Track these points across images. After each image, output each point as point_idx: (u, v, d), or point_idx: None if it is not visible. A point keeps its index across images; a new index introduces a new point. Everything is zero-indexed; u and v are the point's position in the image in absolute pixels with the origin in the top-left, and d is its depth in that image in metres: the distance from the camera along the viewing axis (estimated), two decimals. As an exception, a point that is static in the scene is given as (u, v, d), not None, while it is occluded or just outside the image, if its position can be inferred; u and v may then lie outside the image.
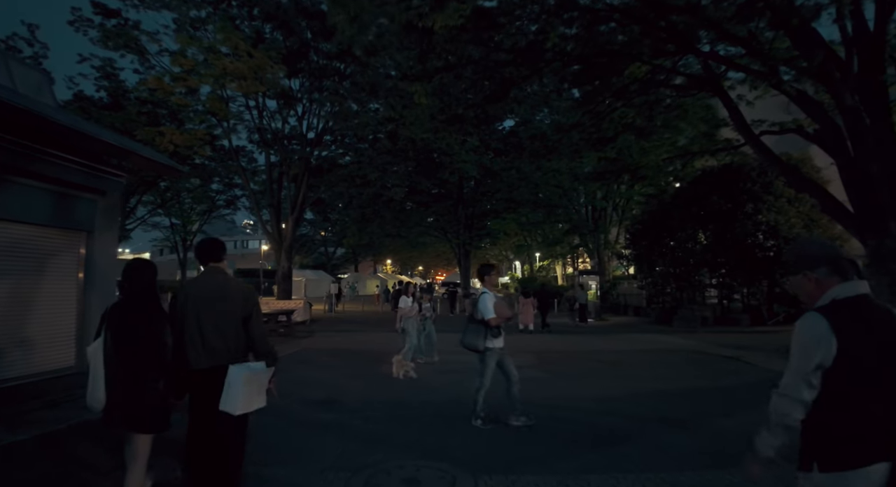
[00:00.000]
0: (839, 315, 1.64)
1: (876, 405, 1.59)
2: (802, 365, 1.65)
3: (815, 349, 1.62)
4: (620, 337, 14.32)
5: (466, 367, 8.15)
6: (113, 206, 8.87)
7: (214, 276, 3.12)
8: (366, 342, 12.80)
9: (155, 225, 42.84)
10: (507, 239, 42.21)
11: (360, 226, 34.64)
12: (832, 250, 1.79)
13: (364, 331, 15.64)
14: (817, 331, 1.63)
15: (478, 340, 5.46)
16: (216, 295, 3.02)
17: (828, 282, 1.73)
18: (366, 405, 6.09)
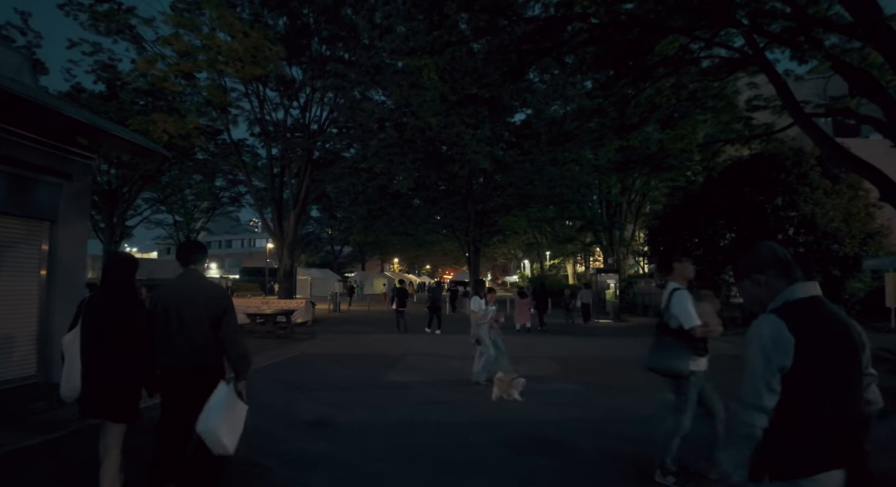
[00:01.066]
0: (795, 316, 1.59)
1: (831, 409, 1.54)
2: (762, 370, 1.57)
3: (775, 351, 1.56)
4: (648, 341, 13.08)
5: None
6: (81, 193, 7.82)
7: (188, 278, 3.15)
8: (370, 345, 11.70)
9: (158, 222, 42.13)
10: (517, 237, 41.05)
11: (365, 223, 33.58)
12: (779, 253, 1.74)
13: (369, 333, 14.55)
14: (777, 333, 1.56)
15: (679, 360, 3.68)
16: (185, 297, 3.05)
17: (777, 285, 1.69)
18: (366, 429, 4.97)
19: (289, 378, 7.56)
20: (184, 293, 3.07)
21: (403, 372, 8.21)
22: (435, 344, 11.86)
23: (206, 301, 3.05)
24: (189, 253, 3.22)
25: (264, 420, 4.95)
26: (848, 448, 1.55)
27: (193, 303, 3.03)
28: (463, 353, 10.26)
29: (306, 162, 19.11)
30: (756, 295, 1.77)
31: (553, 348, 11.50)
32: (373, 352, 10.42)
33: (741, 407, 1.61)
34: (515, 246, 59.06)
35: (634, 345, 12.00)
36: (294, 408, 5.66)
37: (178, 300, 3.04)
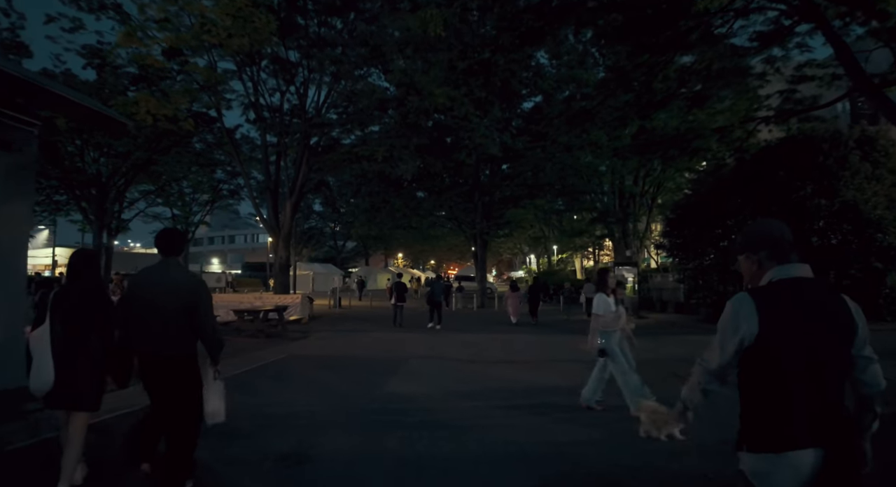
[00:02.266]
0: (767, 296, 1.63)
1: (800, 389, 1.55)
2: (721, 339, 1.67)
3: (736, 325, 1.61)
4: (683, 341, 11.80)
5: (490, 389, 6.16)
6: (22, 166, 6.57)
7: (165, 267, 3.16)
8: (369, 346, 10.44)
9: (156, 216, 41.04)
10: (524, 230, 39.71)
11: (368, 216, 32.31)
12: (776, 232, 1.73)
13: (369, 331, 13.31)
14: (740, 309, 1.62)
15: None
16: (162, 286, 3.08)
17: (768, 266, 1.71)
18: (352, 469, 3.69)
19: (266, 388, 6.32)
20: (160, 282, 3.10)
21: (406, 380, 6.94)
22: (441, 345, 10.60)
23: (182, 290, 3.09)
24: (167, 242, 3.25)
25: (223, 450, 3.72)
26: (823, 427, 1.54)
27: (169, 293, 3.06)
28: (474, 355, 9.02)
29: (303, 148, 17.84)
30: (749, 274, 1.78)
31: (565, 347, 10.22)
32: (371, 355, 9.17)
33: (697, 363, 1.78)
34: (521, 241, 57.82)
35: (659, 346, 10.74)
36: (264, 433, 4.41)
37: (154, 289, 3.08)
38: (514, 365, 8.19)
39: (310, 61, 16.84)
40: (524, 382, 6.86)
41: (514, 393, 6.21)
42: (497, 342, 11.28)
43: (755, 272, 1.75)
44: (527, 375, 7.38)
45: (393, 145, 15.50)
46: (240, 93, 19.08)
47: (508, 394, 6.11)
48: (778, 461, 1.54)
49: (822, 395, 1.55)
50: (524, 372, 7.66)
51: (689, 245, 19.72)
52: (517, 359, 8.83)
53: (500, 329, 14.28)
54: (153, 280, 3.13)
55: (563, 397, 5.95)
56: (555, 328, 14.65)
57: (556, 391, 6.34)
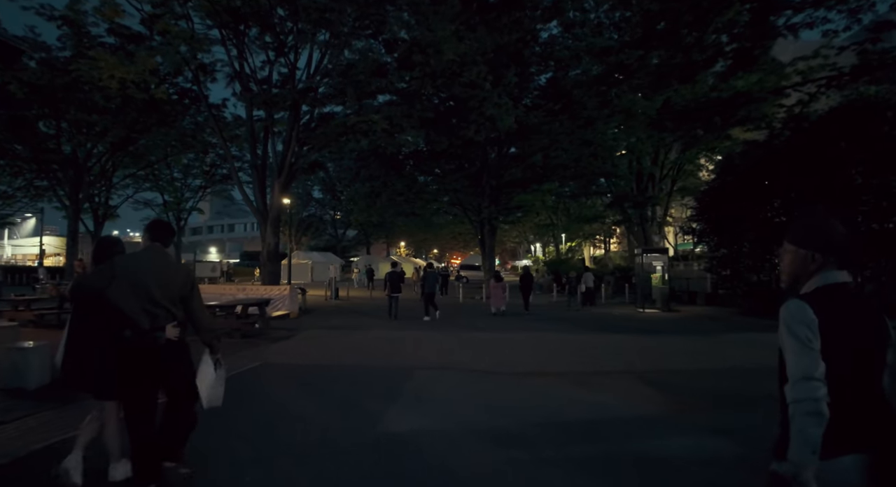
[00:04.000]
0: (822, 300, 1.56)
1: (849, 395, 1.51)
2: (806, 345, 1.50)
3: (811, 328, 1.50)
4: (746, 341, 9.87)
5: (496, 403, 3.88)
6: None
7: (154, 254, 3.09)
8: (366, 349, 8.55)
9: (147, 202, 39.15)
10: (532, 217, 37.68)
11: (368, 201, 30.33)
12: (844, 237, 1.62)
13: (368, 328, 11.43)
14: (805, 314, 1.52)
15: None
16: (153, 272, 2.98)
17: (826, 268, 1.61)
18: None
19: (208, 423, 4.40)
20: (151, 268, 3.00)
21: (411, 406, 5.03)
22: (452, 348, 8.70)
23: (175, 277, 3.05)
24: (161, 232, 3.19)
25: None
26: (870, 432, 1.52)
27: (164, 277, 2.99)
28: (497, 364, 7.09)
29: (292, 120, 15.84)
30: (799, 270, 1.67)
31: (608, 351, 8.31)
32: (367, 363, 7.26)
33: (795, 387, 1.50)
34: (527, 229, 55.85)
35: (722, 348, 8.82)
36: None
37: (145, 275, 2.96)
38: (551, 380, 6.28)
39: (297, 23, 14.75)
40: (578, 409, 4.96)
41: (569, 431, 4.31)
42: (518, 343, 9.37)
43: (808, 271, 1.64)
44: (576, 396, 5.48)
45: (393, 115, 13.44)
46: (224, 62, 17.07)
47: (563, 434, 4.21)
48: (828, 468, 1.47)
49: (869, 400, 1.53)
50: (570, 390, 5.75)
51: (723, 229, 17.74)
52: (552, 370, 6.92)
53: (516, 326, 12.39)
54: (145, 267, 3.00)
55: (643, 434, 4.05)
56: (572, 322, 12.74)
57: (629, 424, 4.45)
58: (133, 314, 2.86)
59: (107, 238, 3.45)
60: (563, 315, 15.37)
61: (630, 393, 5.58)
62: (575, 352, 8.30)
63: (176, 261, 3.40)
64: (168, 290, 2.97)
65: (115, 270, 2.94)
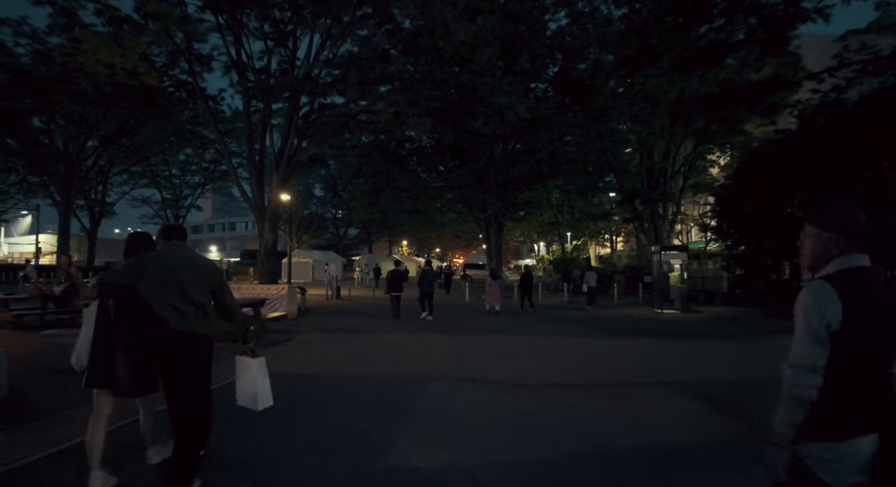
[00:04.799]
0: (845, 283, 1.57)
1: (868, 377, 1.55)
2: (812, 329, 1.55)
3: (825, 311, 1.53)
4: (776, 344, 8.95)
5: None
6: None
7: (180, 250, 3.10)
8: (369, 356, 7.68)
9: (145, 199, 38.37)
10: (540, 213, 36.77)
11: (371, 198, 29.47)
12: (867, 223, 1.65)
13: (371, 331, 10.58)
14: (825, 296, 1.55)
15: None
16: (184, 266, 2.97)
17: (848, 252, 1.62)
18: None
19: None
20: (181, 262, 2.98)
21: (425, 432, 4.15)
22: (464, 353, 7.84)
23: (205, 270, 3.06)
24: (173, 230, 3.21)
25: None
26: (884, 414, 1.56)
27: (195, 272, 2.98)
28: (516, 373, 6.23)
29: (291, 110, 15.01)
30: (821, 253, 1.67)
31: (640, 358, 7.44)
32: (370, 373, 6.40)
33: (789, 368, 1.58)
34: (531, 228, 55.01)
35: (744, 352, 7.95)
36: None
37: (177, 270, 2.94)
38: (586, 394, 5.41)
39: (298, 10, 13.87)
40: (629, 435, 4.09)
41: (627, 465, 3.44)
42: (536, 348, 8.51)
43: (830, 254, 1.64)
44: (621, 415, 4.60)
45: (398, 101, 12.56)
46: (220, 50, 16.24)
47: (622, 470, 3.34)
48: (842, 448, 1.53)
49: (884, 383, 1.57)
50: (611, 407, 4.87)
51: (743, 227, 16.86)
52: (583, 380, 6.06)
53: (529, 328, 11.53)
54: (174, 261, 2.96)
55: (719, 465, 3.19)
56: (590, 324, 11.88)
57: (692, 453, 3.59)
58: (162, 310, 2.84)
59: (138, 233, 3.35)
60: (575, 316, 14.51)
61: (683, 412, 4.72)
62: (604, 359, 7.43)
63: (203, 257, 3.35)
64: (199, 284, 2.98)
65: (144, 265, 2.90)
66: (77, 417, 4.13)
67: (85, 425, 3.06)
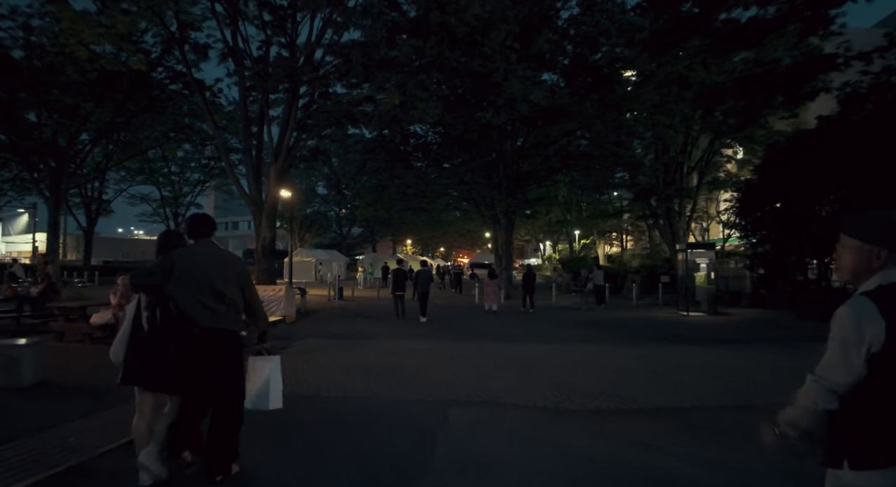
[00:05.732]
0: (888, 300, 1.45)
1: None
2: (846, 350, 1.45)
3: (865, 330, 1.42)
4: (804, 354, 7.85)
5: None
6: None
7: (210, 246, 3.12)
8: (373, 372, 6.65)
9: (144, 197, 37.47)
10: (550, 210, 35.68)
11: (375, 195, 28.43)
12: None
13: (374, 336, 9.56)
14: (866, 314, 1.43)
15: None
16: (215, 263, 3.01)
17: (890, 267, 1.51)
18: None
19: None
20: (212, 259, 3.02)
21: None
22: (489, 367, 6.79)
23: (233, 267, 3.09)
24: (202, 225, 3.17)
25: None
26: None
27: (224, 269, 3.02)
28: (554, 396, 5.17)
29: (291, 98, 14.00)
30: (861, 267, 1.56)
31: (694, 371, 6.38)
32: (379, 392, 5.37)
33: (810, 381, 1.52)
34: (536, 227, 53.93)
35: (809, 364, 6.90)
36: None
37: (206, 266, 2.97)
38: (653, 423, 4.36)
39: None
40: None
41: None
42: (568, 358, 7.45)
43: (871, 268, 1.54)
44: (715, 456, 3.55)
45: (406, 85, 11.49)
46: (216, 37, 15.23)
47: None
48: (885, 476, 1.43)
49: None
50: (697, 447, 3.80)
51: (769, 225, 15.80)
52: (642, 403, 5.01)
53: (550, 333, 10.49)
54: (205, 258, 3.00)
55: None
56: (617, 329, 10.83)
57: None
58: (191, 307, 2.86)
59: (169, 231, 3.36)
60: (594, 318, 13.44)
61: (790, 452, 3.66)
62: (655, 374, 6.35)
63: (231, 253, 3.37)
64: (229, 281, 2.99)
65: (174, 262, 2.91)
66: None
67: None
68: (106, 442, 3.62)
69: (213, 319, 2.89)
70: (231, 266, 3.07)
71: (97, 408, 4.52)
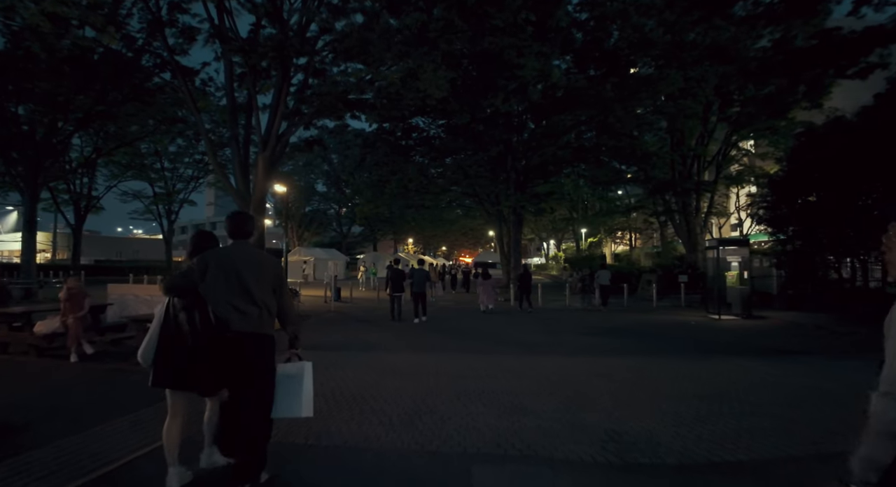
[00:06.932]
0: None
1: None
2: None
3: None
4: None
5: None
6: None
7: (246, 247, 3.07)
8: (373, 394, 5.30)
9: (136, 194, 36.14)
10: (558, 207, 34.25)
11: (375, 191, 27.07)
12: None
13: (374, 347, 8.22)
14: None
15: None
16: (250, 264, 2.95)
17: None
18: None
19: None
20: (246, 260, 2.95)
21: None
22: (515, 393, 5.38)
23: (268, 269, 3.02)
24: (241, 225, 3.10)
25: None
26: None
27: (257, 270, 2.95)
28: (612, 442, 3.73)
29: (280, 79, 12.63)
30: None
31: (777, 399, 5.00)
32: (370, 435, 4.00)
33: (881, 397, 1.29)
34: (540, 226, 52.61)
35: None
36: None
37: (240, 267, 2.90)
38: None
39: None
40: None
41: None
42: (608, 377, 6.04)
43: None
44: None
45: (410, 54, 10.07)
46: (202, 16, 13.88)
47: None
48: None
49: None
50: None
51: (805, 216, 14.43)
52: (736, 457, 3.61)
53: (574, 342, 9.11)
54: (242, 259, 2.93)
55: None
56: (651, 336, 9.43)
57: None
58: (223, 310, 2.80)
59: (202, 232, 3.22)
60: (617, 322, 12.02)
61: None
62: (729, 402, 4.93)
63: (266, 254, 3.20)
64: (263, 283, 2.93)
65: (207, 265, 2.87)
66: None
67: None
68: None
69: (243, 323, 2.82)
70: (265, 267, 2.99)
71: None
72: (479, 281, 15.17)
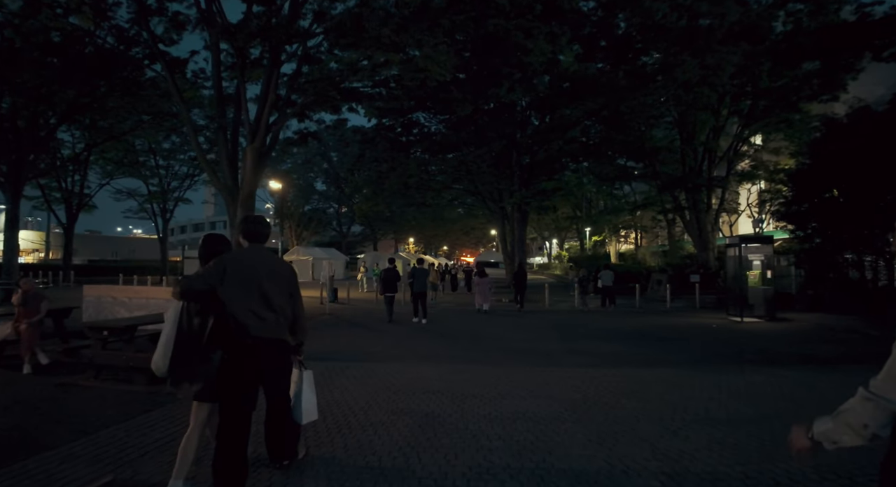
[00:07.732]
0: None
1: None
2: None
3: None
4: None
5: None
6: None
7: (262, 251, 2.99)
8: (374, 421, 4.45)
9: (130, 192, 35.35)
10: (562, 204, 33.38)
11: (374, 187, 26.22)
12: None
13: (371, 356, 7.38)
14: None
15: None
16: (267, 269, 2.88)
17: None
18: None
19: None
20: (263, 264, 2.88)
21: None
22: (540, 423, 4.47)
23: (284, 274, 2.97)
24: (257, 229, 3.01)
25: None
26: None
27: (274, 275, 2.90)
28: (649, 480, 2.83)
29: (271, 65, 11.77)
30: None
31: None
32: (357, 474, 3.12)
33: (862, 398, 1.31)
34: (542, 225, 51.77)
35: None
36: None
37: (258, 271, 2.84)
38: None
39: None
40: None
41: None
42: (646, 403, 5.16)
43: None
44: None
45: (410, 30, 9.18)
46: (188, 1, 13.06)
47: None
48: None
49: None
50: None
51: (828, 212, 13.56)
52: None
53: (596, 350, 8.23)
54: (258, 263, 2.85)
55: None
56: (668, 341, 8.54)
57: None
58: (242, 315, 2.73)
59: (214, 234, 3.17)
60: (632, 325, 11.12)
61: None
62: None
63: (281, 259, 3.20)
64: (280, 288, 2.89)
65: (224, 268, 2.77)
66: None
67: None
68: None
69: (261, 328, 2.75)
70: (281, 271, 2.94)
71: None
72: (476, 280, 14.97)
